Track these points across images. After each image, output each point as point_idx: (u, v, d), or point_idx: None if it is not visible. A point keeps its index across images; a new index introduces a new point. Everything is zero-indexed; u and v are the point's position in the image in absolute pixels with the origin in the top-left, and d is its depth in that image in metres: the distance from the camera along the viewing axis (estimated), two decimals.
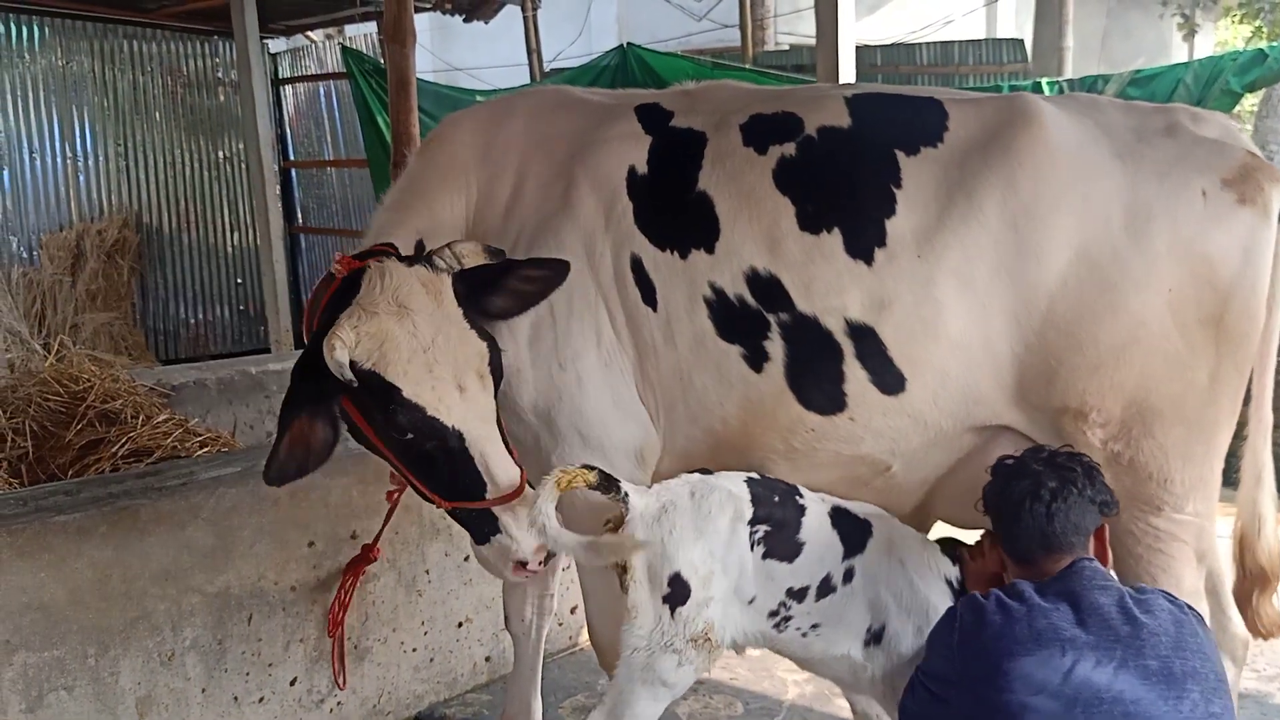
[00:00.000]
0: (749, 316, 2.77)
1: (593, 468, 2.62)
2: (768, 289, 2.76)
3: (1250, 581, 2.98)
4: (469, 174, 3.07)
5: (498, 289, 2.74)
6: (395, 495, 3.42)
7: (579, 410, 2.85)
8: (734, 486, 2.69)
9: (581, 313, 2.84)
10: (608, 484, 2.61)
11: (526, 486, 2.64)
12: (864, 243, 2.71)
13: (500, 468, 2.61)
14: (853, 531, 2.75)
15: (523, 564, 2.65)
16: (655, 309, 2.83)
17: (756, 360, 2.78)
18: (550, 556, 2.68)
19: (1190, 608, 2.41)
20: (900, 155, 2.76)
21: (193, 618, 3.41)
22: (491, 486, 2.60)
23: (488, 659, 4.34)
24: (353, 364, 2.48)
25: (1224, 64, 7.10)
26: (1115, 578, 2.44)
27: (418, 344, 2.52)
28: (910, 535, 2.85)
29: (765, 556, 2.66)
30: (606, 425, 2.84)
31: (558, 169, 2.97)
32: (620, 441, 2.82)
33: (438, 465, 2.62)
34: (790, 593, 2.68)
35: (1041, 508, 2.43)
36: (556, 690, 4.21)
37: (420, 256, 2.69)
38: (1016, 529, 2.48)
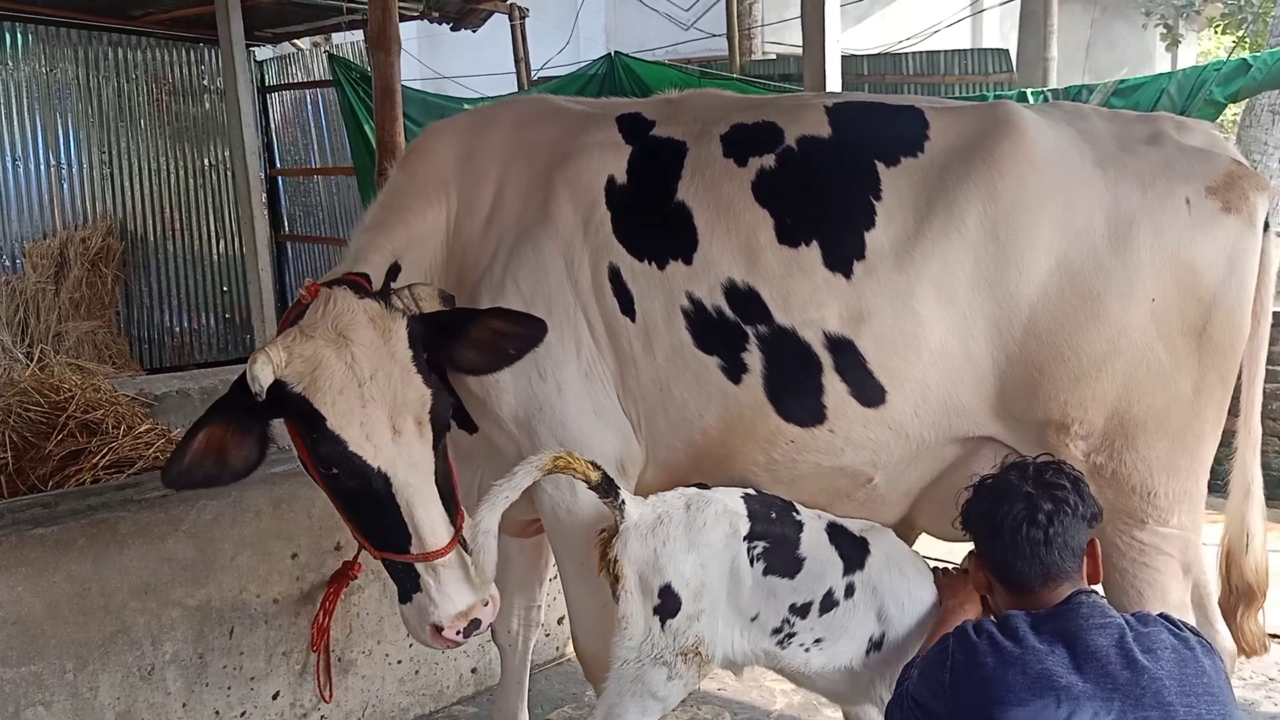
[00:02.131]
0: (727, 328, 2.75)
1: (599, 467, 2.61)
2: (746, 301, 2.74)
3: (1235, 597, 2.94)
4: (449, 184, 3.04)
5: (464, 340, 2.67)
6: None
7: (560, 420, 2.83)
8: (730, 502, 2.69)
9: (561, 322, 2.81)
10: (607, 488, 2.61)
11: (457, 548, 2.54)
12: (843, 255, 2.70)
13: (427, 522, 2.49)
14: (851, 547, 2.74)
15: (439, 629, 2.53)
16: (634, 319, 2.81)
17: (734, 372, 2.76)
18: (473, 630, 2.56)
19: (1197, 637, 2.30)
20: (880, 166, 2.75)
21: (173, 631, 3.38)
22: (416, 540, 2.50)
23: (474, 670, 4.31)
24: (284, 385, 2.41)
25: (1208, 74, 7.12)
26: (1115, 611, 2.31)
27: (353, 377, 2.44)
28: (902, 544, 2.86)
29: (766, 573, 2.65)
30: (587, 435, 2.82)
31: (538, 178, 2.95)
32: (601, 452, 2.79)
33: (363, 507, 2.55)
34: (793, 609, 2.67)
35: (1039, 533, 2.30)
36: (543, 701, 4.18)
37: (379, 292, 2.62)
38: (1013, 558, 2.34)
